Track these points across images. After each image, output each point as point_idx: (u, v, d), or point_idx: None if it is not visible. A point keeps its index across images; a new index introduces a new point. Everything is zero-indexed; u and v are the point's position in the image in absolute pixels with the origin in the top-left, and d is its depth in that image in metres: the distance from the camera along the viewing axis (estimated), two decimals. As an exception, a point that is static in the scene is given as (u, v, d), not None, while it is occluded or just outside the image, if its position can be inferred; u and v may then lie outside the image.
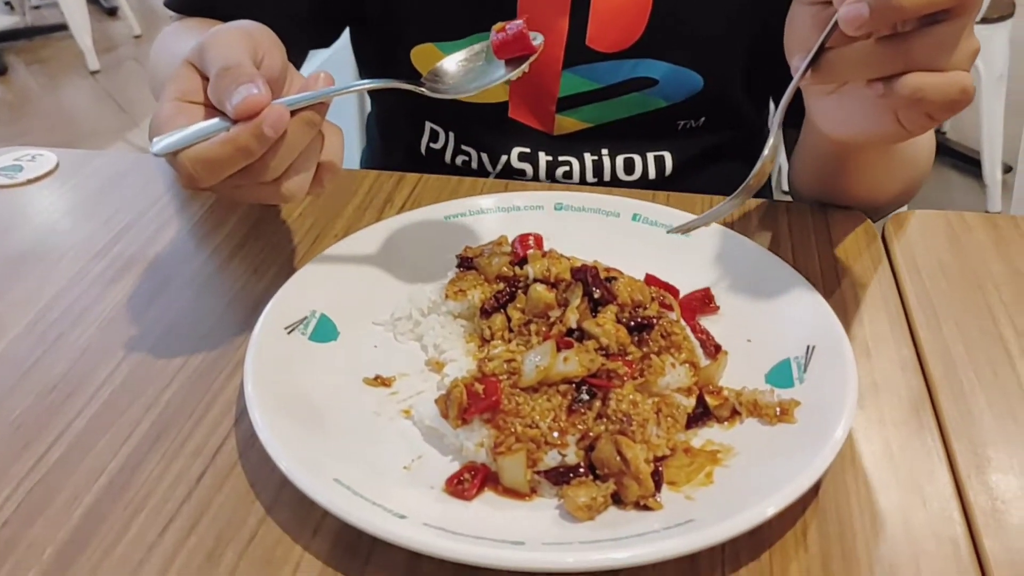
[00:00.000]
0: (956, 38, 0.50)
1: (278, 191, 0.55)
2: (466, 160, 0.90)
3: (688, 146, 0.88)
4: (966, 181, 2.58)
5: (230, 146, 0.52)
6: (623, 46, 0.82)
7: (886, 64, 0.51)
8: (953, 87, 0.51)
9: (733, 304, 0.64)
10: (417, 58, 0.87)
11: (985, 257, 0.70)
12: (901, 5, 0.47)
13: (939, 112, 0.52)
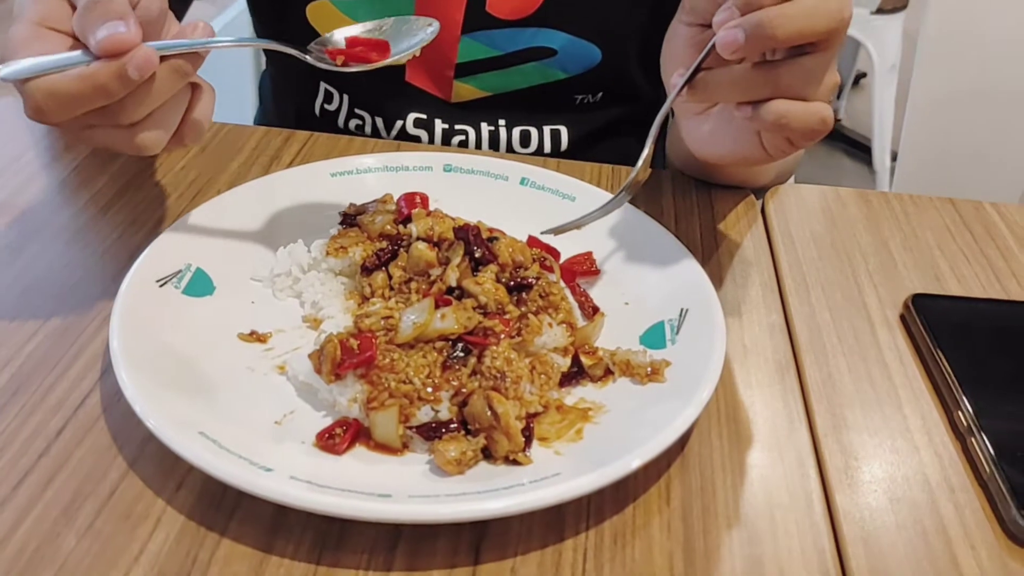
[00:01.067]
0: (822, 70, 0.53)
1: (132, 140, 0.52)
2: (359, 124, 0.89)
3: (585, 120, 0.89)
4: (857, 167, 2.68)
5: (87, 83, 0.49)
6: (523, 14, 0.82)
7: (755, 89, 0.53)
8: (814, 117, 0.54)
9: (614, 268, 0.65)
10: (313, 15, 0.85)
11: (856, 230, 0.73)
12: (774, 35, 0.50)
13: (800, 139, 0.55)
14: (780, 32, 0.50)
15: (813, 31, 0.51)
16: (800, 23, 0.50)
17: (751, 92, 0.53)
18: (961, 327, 0.61)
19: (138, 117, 0.51)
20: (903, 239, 0.72)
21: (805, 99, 0.53)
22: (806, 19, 0.51)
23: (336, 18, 0.83)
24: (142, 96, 0.50)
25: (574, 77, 0.85)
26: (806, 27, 0.51)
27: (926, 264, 0.69)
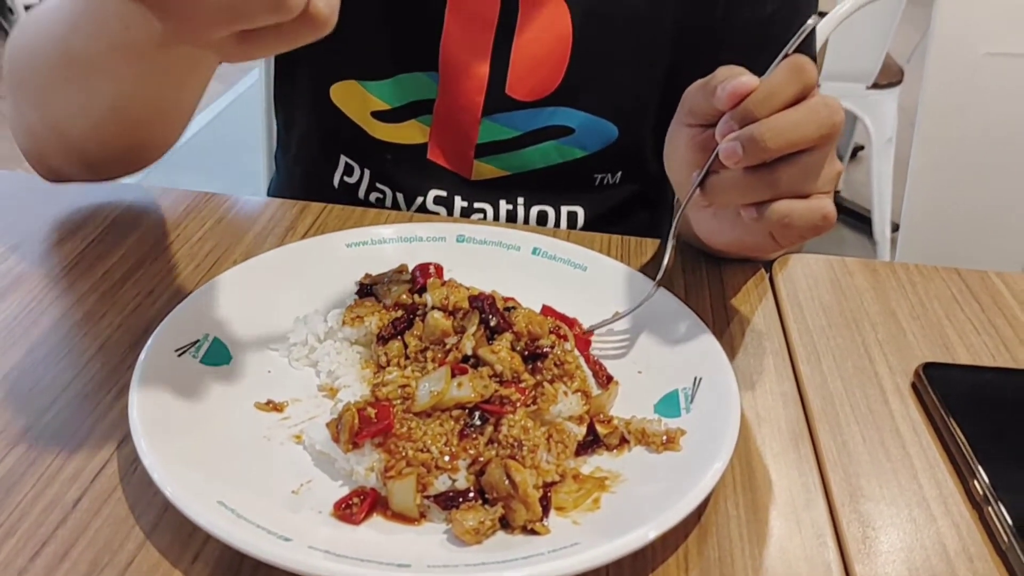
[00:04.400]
0: (819, 166, 0.56)
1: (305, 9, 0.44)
2: (380, 198, 0.90)
3: (602, 200, 0.90)
4: (858, 238, 2.70)
5: None
6: (541, 94, 0.84)
7: (758, 192, 0.56)
8: (816, 214, 0.56)
9: (626, 336, 0.65)
10: (338, 95, 0.86)
11: (863, 299, 0.73)
12: (767, 148, 0.53)
13: (807, 233, 0.57)
14: (772, 144, 0.53)
15: (804, 139, 0.54)
16: (791, 134, 0.53)
17: (755, 195, 0.56)
18: (973, 396, 0.61)
19: None
20: (910, 308, 0.72)
21: (807, 195, 0.56)
22: (796, 129, 0.53)
23: (361, 97, 0.85)
24: None
25: (592, 155, 0.87)
26: (797, 137, 0.53)
27: (935, 333, 0.69)
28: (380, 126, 0.86)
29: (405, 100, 0.85)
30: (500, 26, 0.81)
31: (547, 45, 0.81)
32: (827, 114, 0.54)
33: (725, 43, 0.82)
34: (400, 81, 0.84)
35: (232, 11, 0.43)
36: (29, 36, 0.72)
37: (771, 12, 0.81)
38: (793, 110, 0.54)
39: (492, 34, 0.81)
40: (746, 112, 0.54)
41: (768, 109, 0.54)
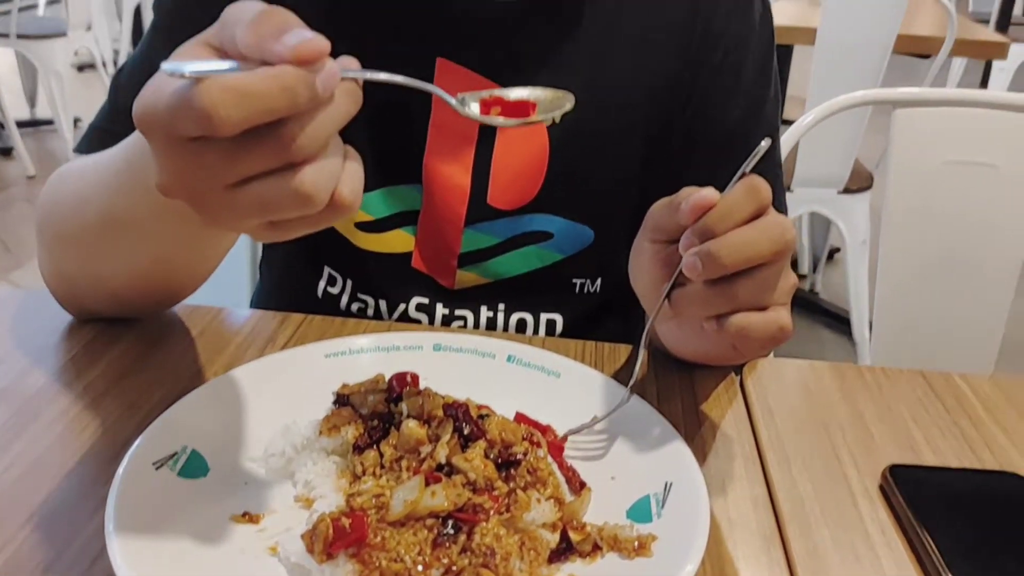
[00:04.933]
0: (775, 280, 0.59)
1: (299, 185, 0.45)
2: (362, 307, 0.92)
3: (580, 308, 0.93)
4: (838, 339, 2.73)
5: (275, 82, 0.43)
6: (521, 203, 0.87)
7: (718, 305, 0.59)
8: (772, 326, 0.60)
9: (600, 442, 0.67)
10: None
11: (832, 402, 0.75)
12: (724, 264, 0.57)
13: (765, 344, 0.61)
14: (728, 260, 0.57)
15: (759, 255, 0.57)
16: (746, 251, 0.57)
17: (715, 308, 0.59)
18: (939, 497, 0.62)
19: (312, 146, 0.45)
20: (877, 411, 0.74)
21: (765, 307, 0.59)
22: (751, 246, 0.57)
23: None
24: (319, 118, 0.45)
25: (570, 258, 0.90)
26: (752, 253, 0.57)
27: (901, 435, 0.71)
28: (364, 236, 0.89)
29: (390, 212, 0.88)
30: (480, 141, 0.85)
31: (525, 157, 0.86)
32: (779, 232, 0.58)
33: (692, 155, 0.86)
34: (385, 193, 0.87)
35: (263, 208, 0.46)
36: (68, 193, 0.75)
37: (734, 126, 0.86)
38: (748, 227, 0.57)
39: (473, 148, 0.86)
40: (705, 228, 0.58)
41: (725, 226, 0.57)
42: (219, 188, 0.46)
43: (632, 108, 0.86)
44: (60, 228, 0.76)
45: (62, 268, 0.79)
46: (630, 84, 0.86)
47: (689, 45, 0.86)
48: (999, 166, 1.17)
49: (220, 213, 0.47)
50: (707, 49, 0.86)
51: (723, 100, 0.87)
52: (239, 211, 0.47)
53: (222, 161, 0.45)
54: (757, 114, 0.87)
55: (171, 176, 0.47)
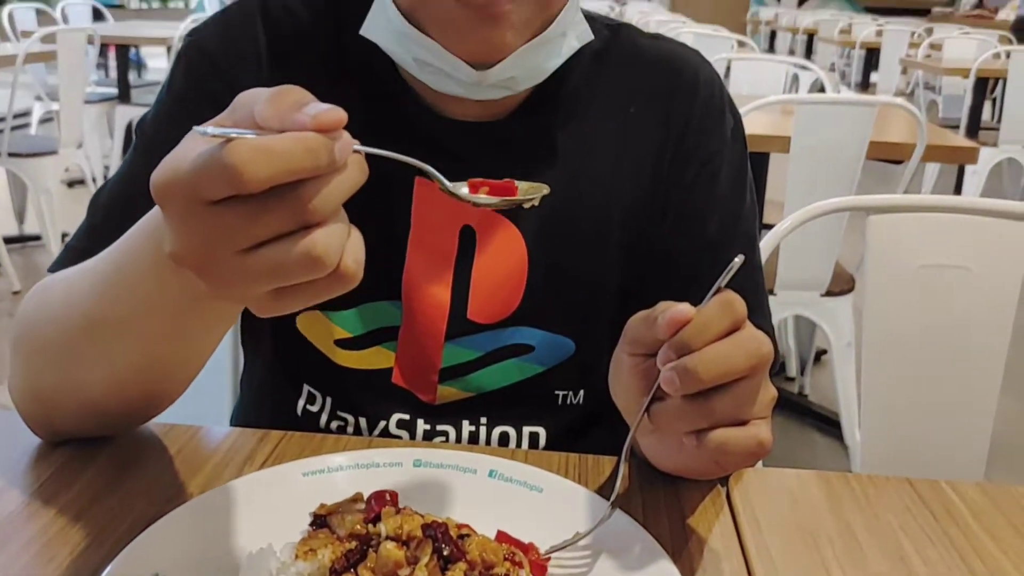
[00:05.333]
0: (753, 394, 0.60)
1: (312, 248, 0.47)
2: (342, 425, 0.91)
3: (564, 420, 0.92)
4: (829, 443, 2.71)
5: (299, 143, 0.46)
6: (502, 316, 0.88)
7: (697, 420, 0.59)
8: (751, 441, 0.60)
9: (583, 559, 0.65)
10: (303, 325, 0.89)
11: (819, 512, 0.74)
12: (700, 379, 0.57)
13: (745, 460, 0.62)
14: (705, 376, 0.57)
15: (735, 369, 0.58)
16: (722, 366, 0.57)
17: (694, 423, 0.59)
18: (932, 611, 0.61)
19: (326, 209, 0.48)
20: (865, 521, 0.73)
21: (744, 421, 0.59)
22: (727, 361, 0.57)
23: (325, 327, 0.88)
24: (334, 183, 0.48)
25: (551, 369, 0.90)
26: (728, 367, 0.57)
27: (890, 545, 0.70)
28: (344, 354, 0.89)
29: (369, 328, 0.88)
30: (459, 256, 0.86)
31: (504, 271, 0.86)
32: (755, 346, 0.58)
33: (670, 268, 0.88)
34: (364, 310, 0.87)
35: (274, 272, 0.48)
36: (52, 302, 0.75)
37: (710, 239, 0.88)
38: (724, 342, 0.58)
39: (452, 264, 0.86)
40: (682, 343, 0.58)
41: (701, 341, 0.58)
42: (233, 253, 0.48)
43: (608, 223, 0.88)
44: (42, 338, 0.76)
45: (39, 383, 0.77)
46: (605, 200, 0.87)
47: (662, 162, 0.88)
48: (972, 269, 1.19)
49: (231, 279, 0.49)
50: (680, 165, 0.88)
51: (699, 215, 0.88)
52: (250, 276, 0.49)
53: (241, 222, 0.47)
54: (734, 226, 0.89)
55: (186, 242, 0.50)
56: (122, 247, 0.66)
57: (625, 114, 0.88)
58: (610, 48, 0.90)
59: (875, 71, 7.23)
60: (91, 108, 4.67)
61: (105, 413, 0.77)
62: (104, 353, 0.70)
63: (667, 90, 0.89)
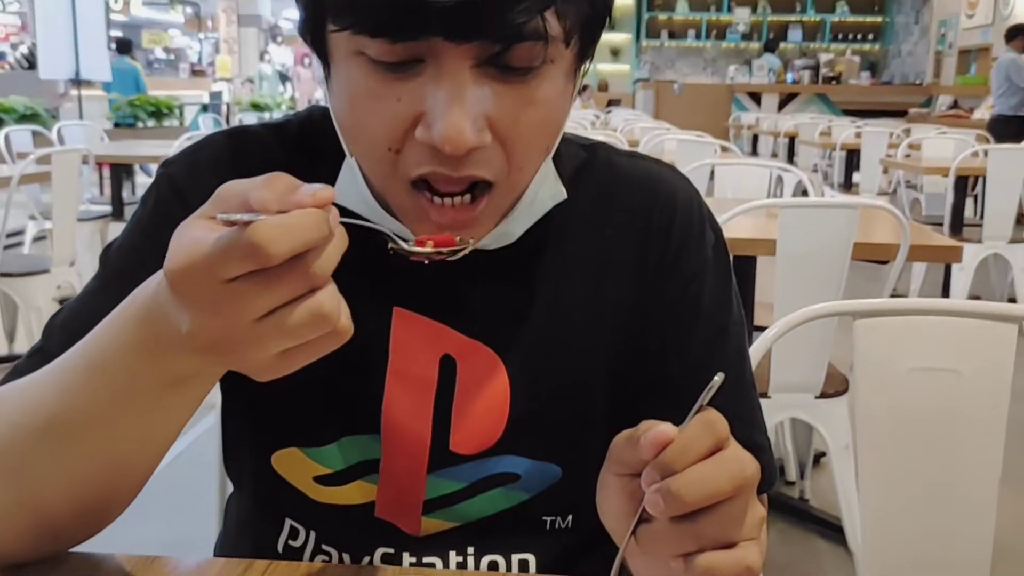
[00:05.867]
0: (740, 515, 0.59)
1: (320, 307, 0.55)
2: (326, 560, 0.89)
3: (554, 546, 0.90)
4: (833, 548, 2.65)
5: (309, 218, 0.53)
6: (485, 446, 0.86)
7: (684, 543, 0.58)
8: (739, 565, 0.59)
9: None
10: (280, 463, 0.87)
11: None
12: (684, 501, 0.57)
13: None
14: (689, 498, 0.56)
15: (719, 491, 0.57)
16: (706, 488, 0.56)
17: (681, 546, 0.58)
18: None
19: (327, 272, 0.55)
20: (869, 643, 0.70)
21: (732, 542, 0.58)
22: (711, 482, 0.57)
23: (303, 464, 0.86)
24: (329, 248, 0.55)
25: (537, 496, 0.88)
26: (712, 490, 0.57)
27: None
28: (324, 490, 0.87)
29: (349, 463, 0.86)
30: (440, 386, 0.85)
31: (486, 400, 0.85)
32: (739, 468, 0.58)
33: (656, 388, 0.86)
34: (343, 445, 0.86)
35: (286, 333, 0.55)
36: (6, 411, 0.72)
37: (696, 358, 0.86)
38: (707, 463, 0.57)
39: (432, 395, 0.85)
40: (664, 464, 0.57)
41: (684, 462, 0.57)
42: (248, 322, 0.54)
43: (591, 348, 0.87)
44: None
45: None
46: (586, 324, 0.87)
47: (642, 285, 0.87)
48: (961, 371, 1.19)
49: (245, 346, 0.56)
50: (661, 287, 0.87)
51: (683, 333, 0.87)
52: (262, 341, 0.55)
53: (259, 293, 0.53)
54: (720, 341, 0.88)
55: (207, 320, 0.55)
56: (93, 340, 0.66)
57: (603, 236, 0.88)
58: (586, 169, 0.90)
59: (857, 171, 7.38)
60: (84, 226, 4.73)
61: (58, 524, 0.74)
62: (66, 456, 0.68)
63: (645, 210, 0.89)
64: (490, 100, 0.69)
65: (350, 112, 0.72)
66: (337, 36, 0.69)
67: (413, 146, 0.70)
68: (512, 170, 0.74)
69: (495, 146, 0.71)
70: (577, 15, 0.69)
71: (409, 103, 0.68)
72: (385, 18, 0.64)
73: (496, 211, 0.77)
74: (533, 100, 0.70)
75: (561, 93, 0.73)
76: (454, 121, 0.66)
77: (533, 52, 0.67)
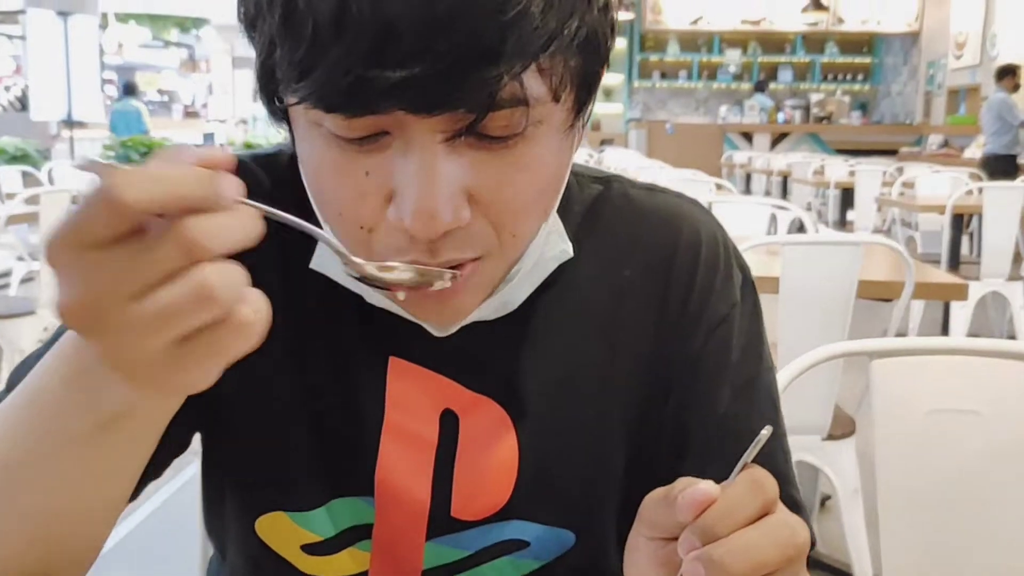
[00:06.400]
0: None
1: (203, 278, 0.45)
2: None
3: None
4: (842, 595, 2.57)
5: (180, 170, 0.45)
6: (490, 512, 0.78)
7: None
8: None
9: None
10: (264, 528, 0.79)
11: None
12: (729, 572, 0.50)
13: None
14: (734, 568, 0.50)
15: (767, 562, 0.51)
16: (753, 558, 0.51)
17: None
18: None
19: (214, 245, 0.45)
20: None
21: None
22: (758, 552, 0.51)
23: (289, 530, 0.78)
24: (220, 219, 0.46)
25: (549, 564, 0.80)
26: (760, 560, 0.51)
27: None
28: (312, 560, 0.78)
29: (339, 529, 0.78)
30: (440, 445, 0.77)
31: (492, 460, 0.77)
32: (789, 535, 0.52)
33: (680, 447, 0.78)
34: (333, 508, 0.77)
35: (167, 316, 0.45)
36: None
37: (724, 412, 0.78)
38: (753, 529, 0.51)
39: (432, 454, 0.77)
40: (706, 528, 0.51)
41: (729, 527, 0.51)
42: (123, 300, 0.45)
43: (607, 402, 0.79)
44: None
45: None
46: (602, 377, 0.79)
47: (664, 332, 0.80)
48: (983, 412, 1.13)
49: (124, 333, 0.47)
50: (684, 335, 0.79)
51: (709, 387, 0.78)
52: (142, 325, 0.46)
53: (127, 262, 0.45)
54: (749, 395, 0.79)
55: (74, 293, 0.46)
56: (31, 378, 0.59)
57: (619, 278, 0.79)
58: (600, 205, 0.81)
59: (851, 209, 7.39)
60: (74, 267, 4.67)
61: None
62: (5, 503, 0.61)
63: (666, 249, 0.80)
64: (468, 172, 0.60)
65: (317, 185, 0.65)
66: (294, 107, 0.61)
67: (387, 225, 0.62)
68: (504, 242, 0.65)
69: (479, 221, 0.63)
70: (566, 69, 0.60)
71: (378, 178, 0.60)
72: (338, 93, 0.55)
73: (487, 282, 0.69)
74: (520, 166, 0.62)
75: (556, 151, 0.65)
76: (425, 201, 0.58)
77: (513, 119, 0.59)
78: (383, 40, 0.53)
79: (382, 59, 0.53)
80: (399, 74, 0.53)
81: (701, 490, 0.52)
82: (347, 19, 0.53)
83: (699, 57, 15.60)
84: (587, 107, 0.66)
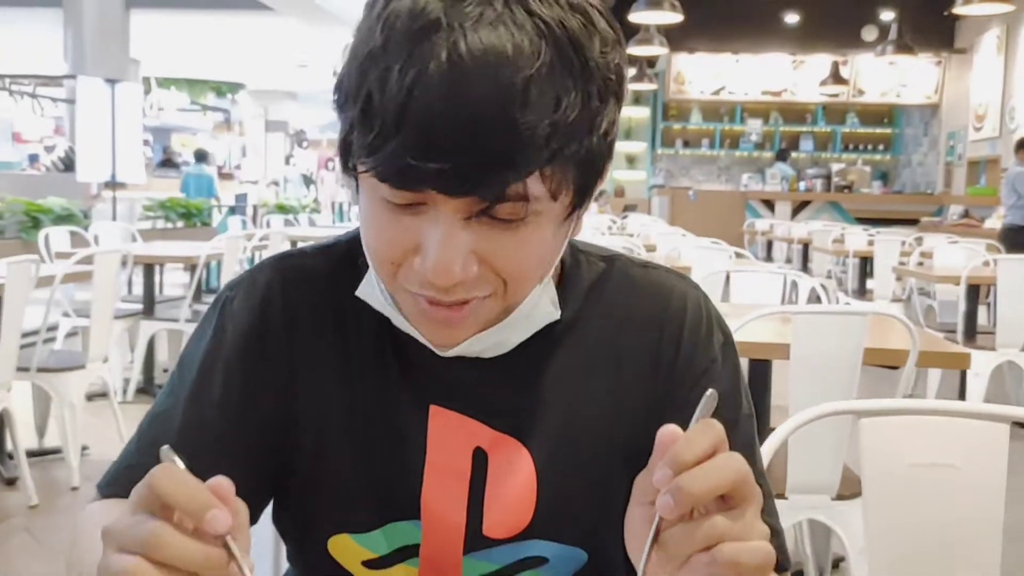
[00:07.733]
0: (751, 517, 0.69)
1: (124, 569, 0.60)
2: None
3: None
4: (852, 651, 2.63)
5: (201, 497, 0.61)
6: (516, 531, 0.94)
7: (703, 538, 0.67)
8: (761, 551, 0.68)
9: None
10: (335, 548, 0.96)
11: None
12: (692, 492, 0.66)
13: (758, 572, 0.68)
14: (696, 489, 0.66)
15: (722, 483, 0.67)
16: (710, 479, 0.66)
17: (701, 542, 0.67)
18: None
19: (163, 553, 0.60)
20: None
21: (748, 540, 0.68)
22: (715, 474, 0.67)
23: (352, 549, 0.95)
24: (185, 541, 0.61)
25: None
26: (715, 481, 0.67)
27: None
28: (371, 573, 0.95)
29: (392, 547, 0.95)
30: (473, 476, 0.94)
31: (515, 489, 0.94)
32: (735, 464, 0.68)
33: None
34: (387, 531, 0.94)
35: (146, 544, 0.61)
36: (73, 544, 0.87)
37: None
38: (708, 461, 0.67)
39: (467, 484, 0.94)
40: (672, 456, 0.67)
41: (690, 453, 0.67)
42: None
43: (609, 440, 0.96)
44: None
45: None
46: (605, 419, 0.96)
47: (656, 383, 0.97)
48: (958, 466, 1.27)
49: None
50: (672, 386, 0.96)
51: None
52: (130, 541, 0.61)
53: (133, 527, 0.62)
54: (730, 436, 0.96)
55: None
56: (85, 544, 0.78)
57: (619, 339, 0.97)
58: (604, 280, 1.00)
59: (871, 278, 7.47)
60: (116, 323, 4.87)
61: None
62: None
63: (657, 317, 0.98)
64: (479, 241, 0.78)
65: (366, 230, 0.84)
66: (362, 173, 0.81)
67: (411, 266, 0.81)
68: (505, 290, 0.83)
69: (486, 272, 0.80)
70: (564, 177, 0.77)
71: (411, 234, 0.79)
72: (392, 172, 0.75)
73: (485, 315, 0.85)
74: (520, 243, 0.79)
75: (552, 235, 0.82)
76: (443, 260, 0.77)
77: (516, 209, 0.77)
78: (428, 140, 0.73)
79: (426, 153, 0.73)
80: (436, 166, 0.73)
81: (667, 431, 0.69)
82: (404, 122, 0.74)
83: (721, 126, 15.80)
84: (583, 206, 0.84)
